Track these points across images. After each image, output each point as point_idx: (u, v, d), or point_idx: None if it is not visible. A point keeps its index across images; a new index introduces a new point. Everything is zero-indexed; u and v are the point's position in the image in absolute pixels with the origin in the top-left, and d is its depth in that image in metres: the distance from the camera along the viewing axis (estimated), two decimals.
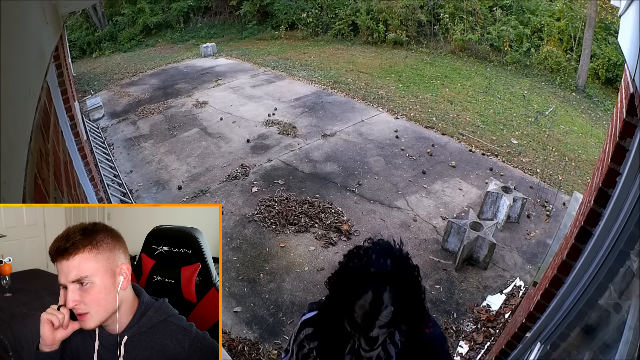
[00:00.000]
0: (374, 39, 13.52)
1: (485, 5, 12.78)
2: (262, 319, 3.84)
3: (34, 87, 1.26)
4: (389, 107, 8.27)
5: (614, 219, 1.45)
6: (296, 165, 6.24)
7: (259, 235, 4.82)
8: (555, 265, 1.93)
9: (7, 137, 0.83)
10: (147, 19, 16.48)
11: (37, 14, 1.63)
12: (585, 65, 10.65)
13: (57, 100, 3.32)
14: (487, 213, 4.97)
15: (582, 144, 7.87)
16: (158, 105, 8.95)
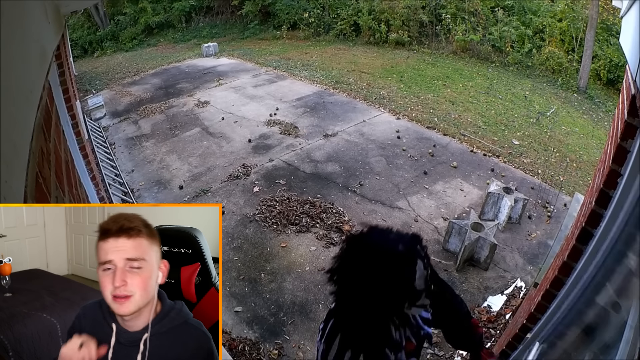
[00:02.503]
0: (375, 39, 13.51)
1: (487, 5, 12.76)
2: (263, 318, 3.84)
3: (35, 86, 1.26)
4: (391, 108, 8.26)
5: (614, 220, 1.45)
6: (298, 165, 6.24)
7: (260, 235, 4.82)
8: (556, 266, 1.93)
9: (9, 136, 0.83)
10: (148, 18, 16.52)
11: (39, 13, 1.63)
12: (586, 66, 10.62)
13: (58, 99, 3.32)
14: (488, 214, 4.96)
15: (583, 145, 7.85)
16: (159, 104, 8.96)
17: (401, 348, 1.37)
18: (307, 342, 3.61)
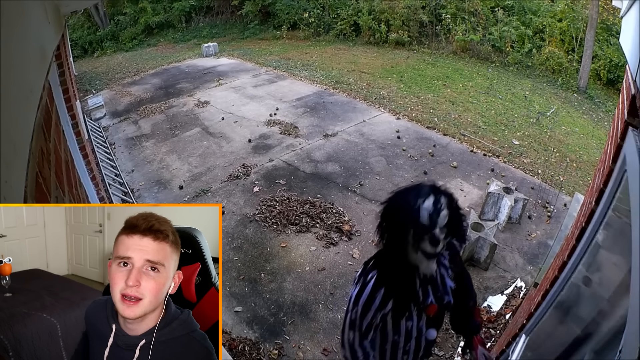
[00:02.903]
0: (375, 39, 13.51)
1: (487, 5, 12.76)
2: (263, 318, 3.84)
3: (35, 86, 1.26)
4: (391, 108, 8.26)
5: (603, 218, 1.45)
6: (298, 165, 6.24)
7: (260, 235, 4.82)
8: (556, 266, 1.93)
9: (9, 136, 0.83)
10: (148, 18, 16.51)
11: (39, 13, 1.63)
12: (586, 66, 10.62)
13: (58, 99, 3.32)
14: (488, 214, 4.96)
15: (583, 145, 7.85)
16: (159, 104, 8.96)
17: (424, 308, 1.59)
18: (307, 342, 3.61)
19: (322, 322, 3.77)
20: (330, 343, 3.57)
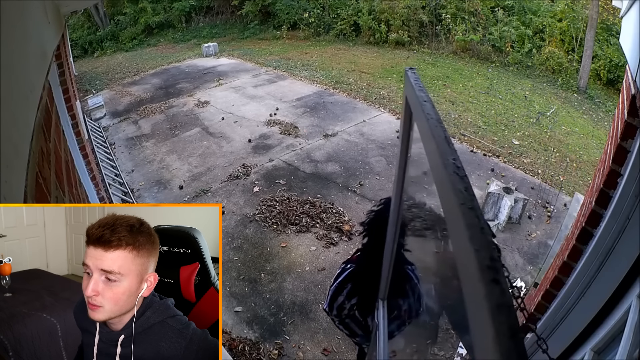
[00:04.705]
0: (375, 39, 13.51)
1: (487, 5, 12.76)
2: (263, 318, 3.84)
3: (35, 86, 1.26)
4: (391, 108, 8.26)
5: (615, 220, 1.45)
6: (298, 165, 6.24)
7: (260, 235, 4.82)
8: (556, 266, 1.93)
9: (9, 136, 0.83)
10: (148, 18, 16.51)
11: (39, 14, 1.63)
12: (586, 66, 10.62)
13: (58, 99, 3.33)
14: (488, 214, 4.96)
15: (583, 145, 7.85)
16: (159, 104, 8.96)
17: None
18: (307, 342, 3.61)
19: (322, 322, 3.76)
20: (330, 343, 3.57)
